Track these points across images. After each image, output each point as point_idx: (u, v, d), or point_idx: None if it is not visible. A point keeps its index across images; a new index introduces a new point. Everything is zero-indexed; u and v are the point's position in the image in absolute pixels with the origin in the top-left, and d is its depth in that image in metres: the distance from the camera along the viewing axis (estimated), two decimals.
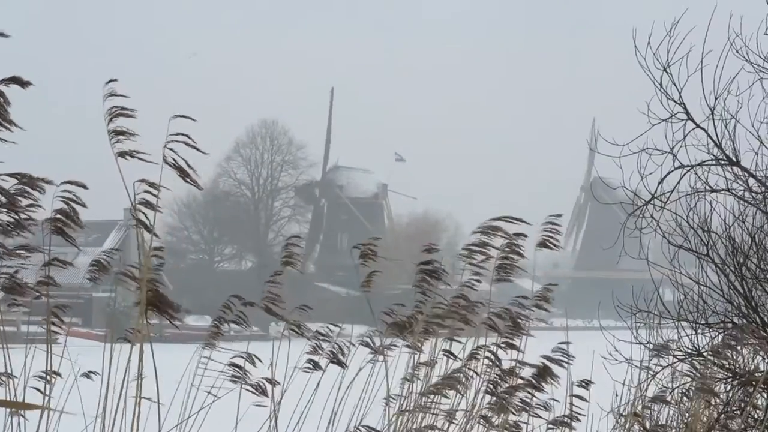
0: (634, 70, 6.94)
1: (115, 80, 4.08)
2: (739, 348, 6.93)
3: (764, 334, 7.02)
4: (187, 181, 4.11)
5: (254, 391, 5.49)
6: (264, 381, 5.51)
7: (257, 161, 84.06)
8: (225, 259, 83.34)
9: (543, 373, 6.08)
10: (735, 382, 6.94)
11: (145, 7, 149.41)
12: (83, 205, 4.34)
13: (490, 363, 6.11)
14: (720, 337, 7.25)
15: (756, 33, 6.89)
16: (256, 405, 5.56)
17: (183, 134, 4.08)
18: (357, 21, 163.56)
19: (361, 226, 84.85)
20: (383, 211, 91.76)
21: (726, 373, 6.99)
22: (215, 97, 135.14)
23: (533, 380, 6.14)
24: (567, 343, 6.45)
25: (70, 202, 4.31)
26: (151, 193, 4.17)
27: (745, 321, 7.15)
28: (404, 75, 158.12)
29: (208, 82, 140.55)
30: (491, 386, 6.07)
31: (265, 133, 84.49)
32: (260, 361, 5.60)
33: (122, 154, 4.03)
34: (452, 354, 6.03)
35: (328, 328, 6.07)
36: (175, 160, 4.07)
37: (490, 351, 6.10)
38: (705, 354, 7.07)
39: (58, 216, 4.27)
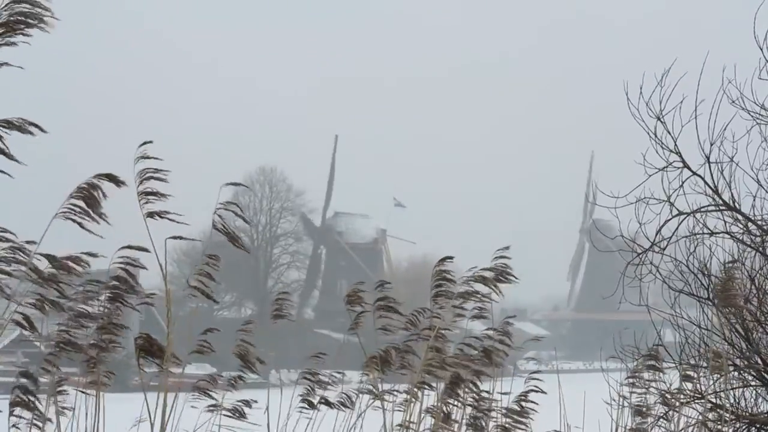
0: (629, 118, 7.04)
1: (150, 142, 4.15)
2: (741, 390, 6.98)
3: (766, 376, 7.05)
4: (237, 246, 4.21)
5: (232, 414, 5.57)
6: (241, 404, 5.59)
7: (256, 208, 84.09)
8: (224, 307, 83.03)
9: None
10: (738, 425, 6.97)
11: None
12: (143, 267, 4.41)
13: (470, 395, 6.22)
14: (722, 379, 7.28)
15: (750, 79, 6.97)
16: None
17: (232, 203, 4.18)
18: (354, 61, 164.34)
19: (361, 271, 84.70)
20: (382, 257, 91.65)
21: (729, 415, 7.01)
22: (212, 141, 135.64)
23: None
24: (538, 371, 6.60)
25: (127, 267, 4.36)
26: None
27: (746, 363, 7.19)
28: (402, 117, 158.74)
29: (205, 126, 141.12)
30: (472, 419, 6.18)
31: (263, 180, 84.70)
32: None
33: (151, 215, 4.09)
34: (429, 385, 6.11)
35: (333, 376, 6.22)
36: (224, 226, 4.16)
37: (470, 383, 6.20)
38: (708, 396, 7.10)
39: (116, 283, 4.33)
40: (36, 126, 3.58)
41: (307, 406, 6.13)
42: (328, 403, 6.15)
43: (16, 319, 4.08)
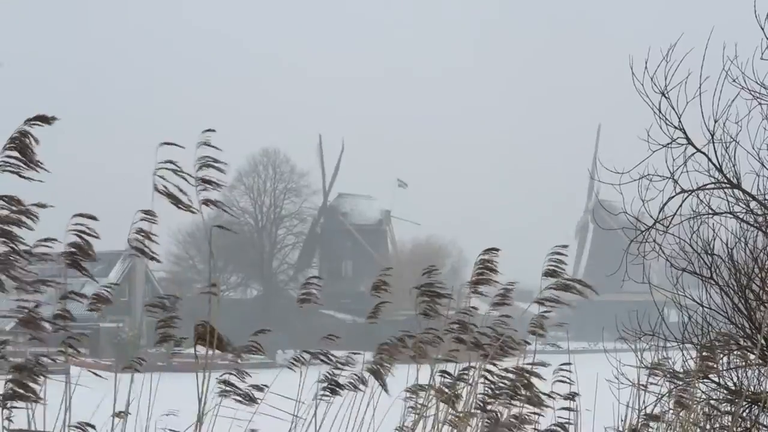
0: (634, 92, 7.01)
1: (213, 130, 4.13)
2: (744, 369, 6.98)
3: None
4: (180, 208, 4.13)
5: (242, 400, 5.58)
6: (250, 389, 5.60)
7: (260, 190, 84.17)
8: (230, 288, 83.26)
9: (528, 385, 6.19)
10: (741, 404, 6.98)
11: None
12: (96, 237, 4.35)
13: (483, 380, 6.21)
14: (725, 358, 7.28)
15: (752, 58, 6.95)
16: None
17: (171, 161, 4.09)
18: (355, 42, 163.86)
19: (366, 252, 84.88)
20: (387, 238, 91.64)
21: (732, 394, 7.02)
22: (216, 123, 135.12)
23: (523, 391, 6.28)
24: (569, 363, 6.56)
25: (83, 235, 4.32)
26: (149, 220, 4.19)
27: (749, 342, 7.19)
28: (404, 95, 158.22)
29: (208, 107, 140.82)
30: (481, 403, 6.18)
31: (267, 161, 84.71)
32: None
33: (206, 203, 4.09)
34: (448, 373, 6.12)
35: (350, 357, 6.23)
36: (165, 187, 4.07)
37: (485, 370, 6.19)
38: (710, 376, 7.11)
39: (73, 249, 4.28)
40: None
41: (329, 393, 6.12)
42: (340, 386, 6.15)
43: None
